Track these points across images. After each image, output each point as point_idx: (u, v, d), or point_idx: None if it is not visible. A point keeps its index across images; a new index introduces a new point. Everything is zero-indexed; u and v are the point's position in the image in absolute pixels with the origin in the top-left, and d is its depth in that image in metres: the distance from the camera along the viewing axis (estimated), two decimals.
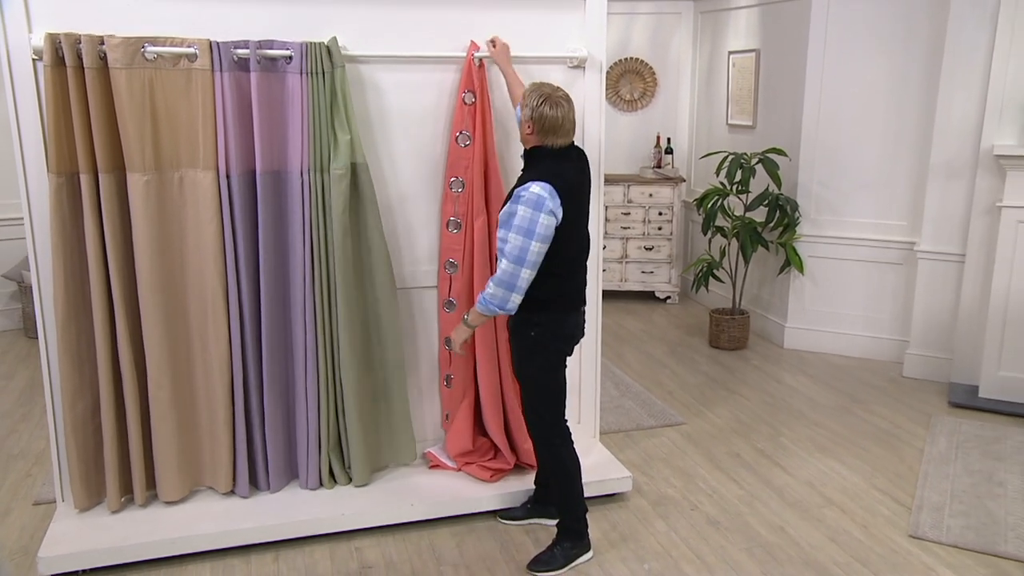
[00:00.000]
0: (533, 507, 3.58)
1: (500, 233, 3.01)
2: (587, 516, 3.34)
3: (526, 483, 3.68)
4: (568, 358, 3.28)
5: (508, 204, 3.00)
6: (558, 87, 3.05)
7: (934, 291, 5.23)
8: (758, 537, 3.50)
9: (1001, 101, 4.78)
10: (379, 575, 3.21)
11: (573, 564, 3.29)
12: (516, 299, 2.99)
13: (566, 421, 3.31)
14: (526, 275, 2.96)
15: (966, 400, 4.88)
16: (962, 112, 4.96)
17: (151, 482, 3.47)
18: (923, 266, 5.24)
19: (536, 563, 3.26)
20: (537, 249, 2.94)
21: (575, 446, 3.33)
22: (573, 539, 3.32)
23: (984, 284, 4.95)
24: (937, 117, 5.06)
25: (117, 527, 3.31)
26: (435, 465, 3.81)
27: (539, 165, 3.05)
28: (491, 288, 3.00)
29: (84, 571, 3.19)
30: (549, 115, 2.99)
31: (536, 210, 2.92)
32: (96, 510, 3.42)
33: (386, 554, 3.35)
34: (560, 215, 2.97)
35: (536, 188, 2.94)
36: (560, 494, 3.34)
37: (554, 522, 3.40)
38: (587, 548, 3.34)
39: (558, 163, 3.05)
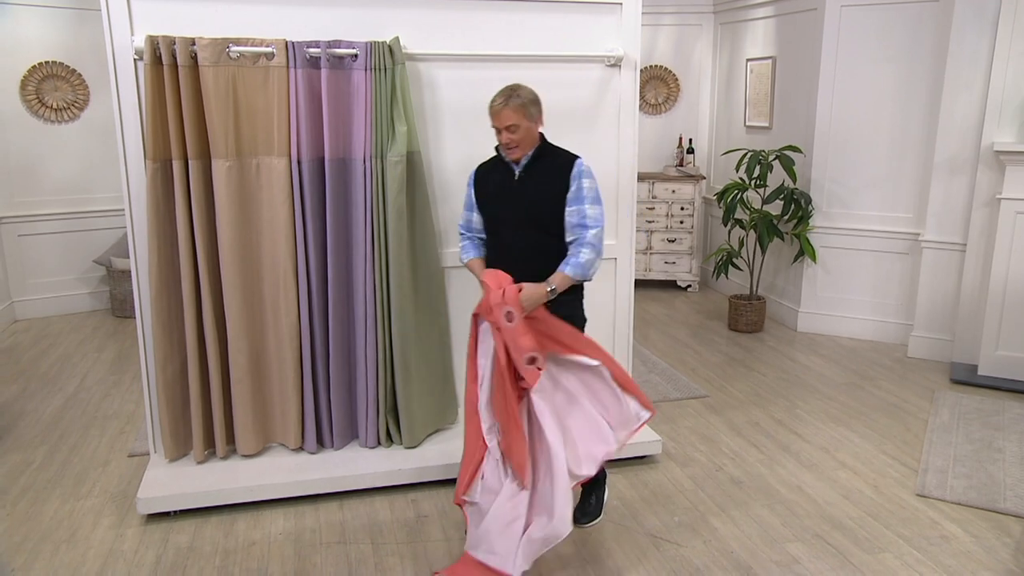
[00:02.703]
0: None
1: (572, 208, 2.89)
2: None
3: None
4: None
5: (574, 181, 2.88)
6: None
7: (937, 278, 5.21)
8: (778, 495, 3.53)
9: (1000, 101, 4.76)
10: (433, 524, 3.27)
11: (604, 506, 3.23)
12: (599, 264, 2.95)
13: None
14: (604, 240, 2.95)
15: (966, 377, 4.86)
16: (964, 112, 4.94)
17: (230, 437, 3.57)
18: (927, 255, 5.22)
19: (584, 516, 3.15)
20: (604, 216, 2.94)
21: None
22: (602, 485, 3.24)
23: (984, 271, 4.93)
24: (941, 117, 5.04)
25: (202, 476, 3.41)
26: None
27: (554, 147, 2.99)
28: (588, 254, 2.87)
29: (175, 512, 3.30)
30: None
31: (594, 179, 2.92)
32: (183, 461, 3.52)
33: (439, 505, 3.41)
34: None
35: (584, 160, 2.94)
36: None
37: None
38: (607, 489, 3.27)
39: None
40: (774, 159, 5.60)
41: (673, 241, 6.95)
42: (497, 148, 3.00)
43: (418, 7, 3.44)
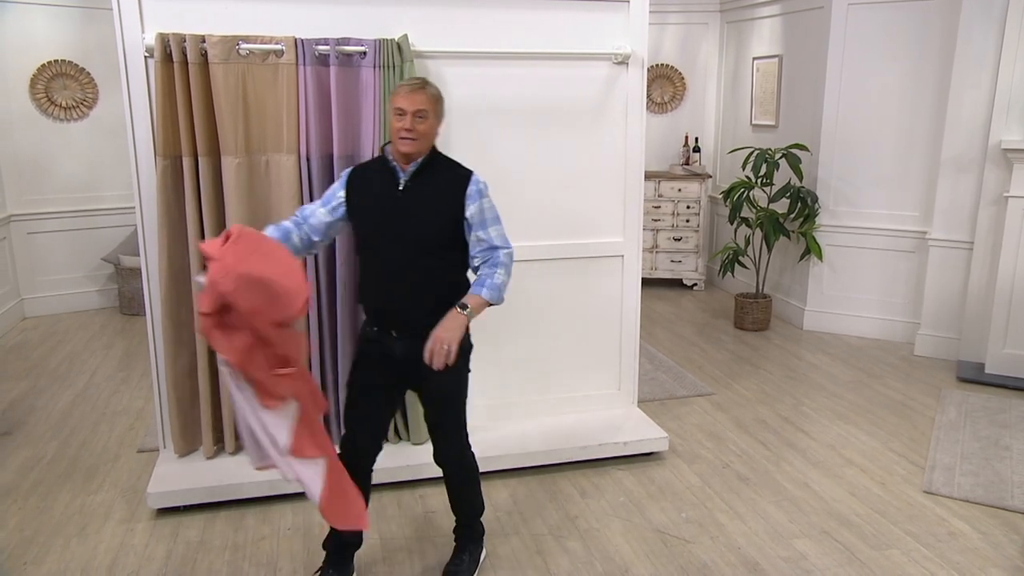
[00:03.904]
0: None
1: (478, 233, 2.59)
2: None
3: None
4: None
5: (472, 200, 2.57)
6: None
7: (944, 276, 5.20)
8: (785, 491, 3.53)
9: (1008, 99, 4.76)
10: (441, 519, 3.28)
11: (479, 565, 2.96)
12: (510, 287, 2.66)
13: None
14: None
15: (973, 376, 4.85)
16: (971, 110, 4.93)
17: (239, 433, 3.57)
18: (934, 253, 5.22)
19: None
20: None
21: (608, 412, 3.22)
22: (478, 541, 2.98)
23: (991, 269, 4.92)
24: (948, 115, 5.03)
25: (211, 471, 3.42)
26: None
27: (446, 156, 2.68)
28: (503, 275, 2.58)
29: (184, 507, 3.31)
30: None
31: (490, 197, 2.64)
32: (193, 456, 3.54)
33: (446, 501, 3.35)
34: None
35: (481, 177, 2.64)
36: (469, 501, 2.92)
37: None
38: (483, 545, 3.02)
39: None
40: (780, 157, 5.60)
41: (679, 240, 6.96)
42: (384, 149, 2.63)
43: (427, 5, 3.45)
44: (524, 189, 3.72)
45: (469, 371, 2.75)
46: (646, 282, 7.05)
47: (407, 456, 3.58)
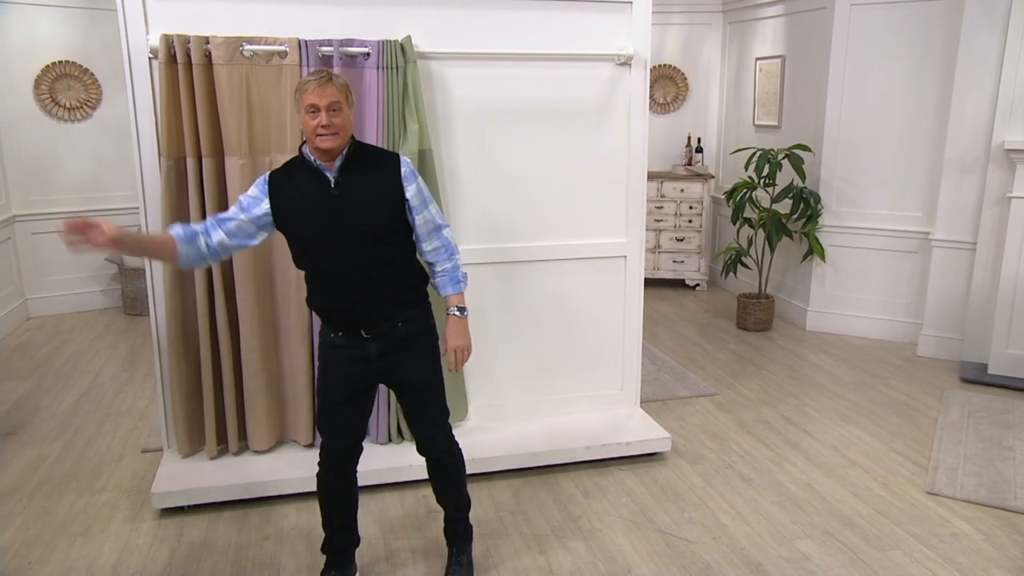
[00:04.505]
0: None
1: (422, 215, 2.56)
2: None
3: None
4: None
5: (410, 182, 2.53)
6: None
7: (947, 277, 5.20)
8: (787, 492, 3.53)
9: (1011, 100, 4.75)
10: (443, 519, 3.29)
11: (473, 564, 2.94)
12: None
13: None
14: None
15: (976, 376, 4.85)
16: (974, 110, 4.92)
17: (243, 433, 3.59)
18: (937, 254, 5.21)
19: None
20: None
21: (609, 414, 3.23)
22: (471, 537, 2.94)
23: (994, 270, 4.92)
24: (951, 116, 5.03)
25: (215, 471, 3.43)
26: None
27: (366, 145, 2.59)
28: (459, 258, 2.66)
29: (188, 506, 3.32)
30: None
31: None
32: (196, 456, 3.54)
33: None
34: None
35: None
36: (461, 493, 2.87)
37: None
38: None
39: None
40: (783, 158, 5.60)
41: (682, 240, 6.96)
42: (301, 150, 2.51)
43: (430, 6, 3.45)
44: (527, 190, 3.73)
45: (440, 358, 2.74)
46: (648, 282, 7.08)
47: (409, 456, 3.56)
